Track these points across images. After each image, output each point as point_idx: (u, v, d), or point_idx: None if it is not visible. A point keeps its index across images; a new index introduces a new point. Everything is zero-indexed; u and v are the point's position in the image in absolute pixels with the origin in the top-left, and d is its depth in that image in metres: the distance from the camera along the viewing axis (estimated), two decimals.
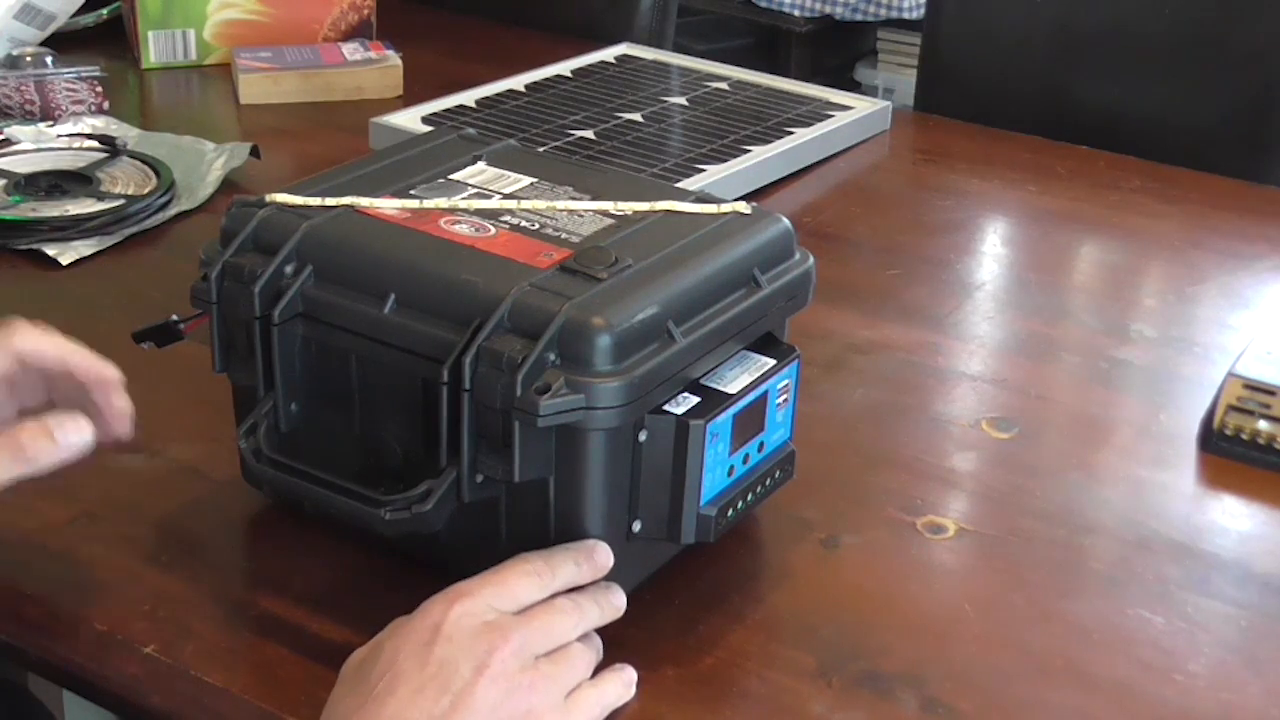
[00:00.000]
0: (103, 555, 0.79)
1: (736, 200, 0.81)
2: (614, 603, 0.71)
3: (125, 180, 1.21)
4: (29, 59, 1.43)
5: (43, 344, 0.73)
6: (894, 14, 2.94)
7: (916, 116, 1.57)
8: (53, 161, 1.23)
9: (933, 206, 1.29)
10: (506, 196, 0.80)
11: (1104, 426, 0.96)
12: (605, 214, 0.78)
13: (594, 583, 0.71)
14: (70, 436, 0.70)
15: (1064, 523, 0.85)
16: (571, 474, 0.70)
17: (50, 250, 1.11)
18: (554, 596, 0.69)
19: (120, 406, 0.74)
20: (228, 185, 1.23)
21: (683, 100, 1.40)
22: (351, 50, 1.52)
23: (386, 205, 0.78)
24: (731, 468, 0.75)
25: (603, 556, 0.71)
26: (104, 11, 1.61)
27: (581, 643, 0.69)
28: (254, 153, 1.26)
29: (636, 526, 0.73)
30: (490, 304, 0.69)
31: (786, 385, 0.77)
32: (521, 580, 0.68)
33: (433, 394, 0.69)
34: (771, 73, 1.49)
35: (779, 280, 0.77)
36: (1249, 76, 1.49)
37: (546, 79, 1.45)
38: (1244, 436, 0.90)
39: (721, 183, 1.21)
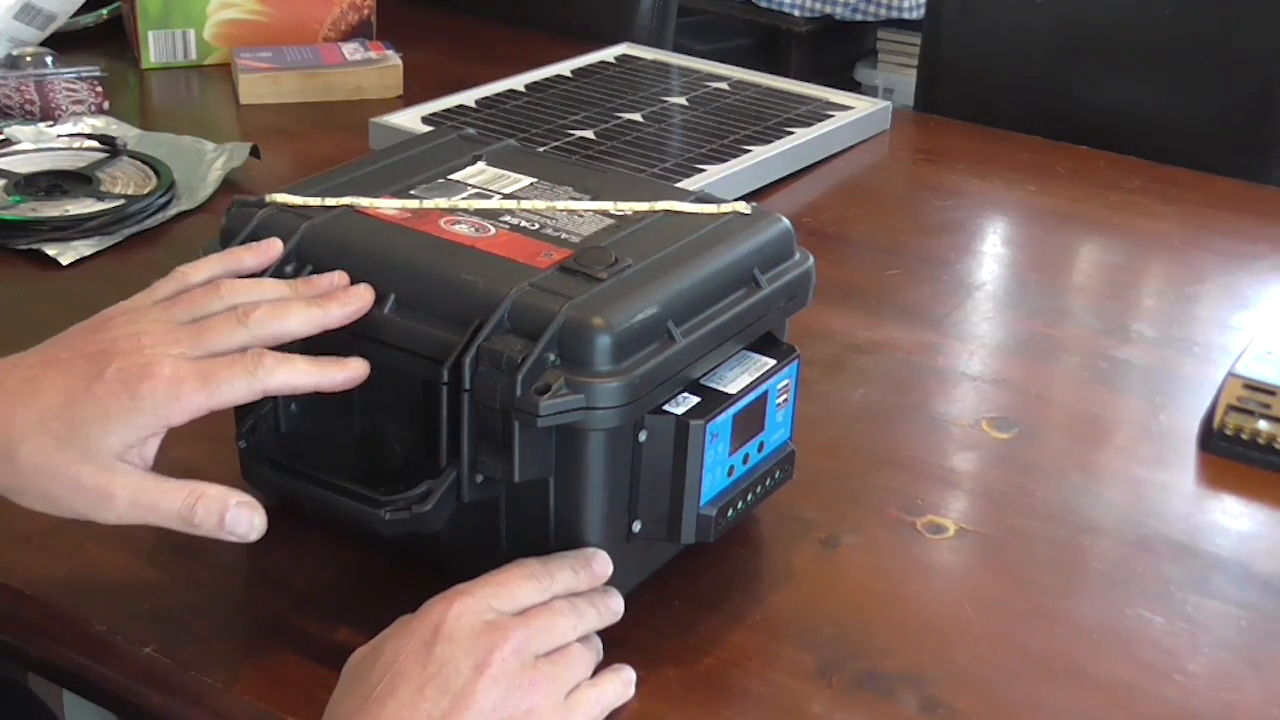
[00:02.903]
0: (103, 555, 0.79)
1: (736, 200, 0.81)
2: (612, 607, 0.71)
3: (125, 180, 1.21)
4: (29, 59, 1.43)
5: (295, 382, 0.69)
6: (894, 14, 2.94)
7: (916, 116, 1.57)
8: (53, 161, 1.23)
9: (933, 206, 1.29)
10: (506, 196, 0.80)
11: (1104, 426, 0.96)
12: (605, 214, 0.78)
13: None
14: (239, 527, 0.67)
15: (1064, 523, 0.85)
16: (571, 474, 0.70)
17: (50, 250, 1.11)
18: (553, 599, 0.69)
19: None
20: (228, 185, 1.23)
21: (683, 100, 1.40)
22: (351, 50, 1.52)
23: (386, 205, 0.78)
24: (731, 468, 0.75)
25: (601, 565, 0.71)
26: (104, 11, 1.61)
27: (581, 643, 0.69)
28: (254, 153, 1.26)
29: (636, 527, 0.73)
30: (490, 304, 0.69)
31: (786, 385, 0.77)
32: (521, 583, 0.68)
33: (433, 394, 0.69)
34: (771, 73, 1.49)
35: (779, 280, 0.77)
36: (1249, 76, 1.49)
37: (546, 79, 1.45)
38: (1244, 436, 0.90)
39: (721, 183, 1.21)
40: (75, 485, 0.66)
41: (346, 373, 0.70)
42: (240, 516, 0.67)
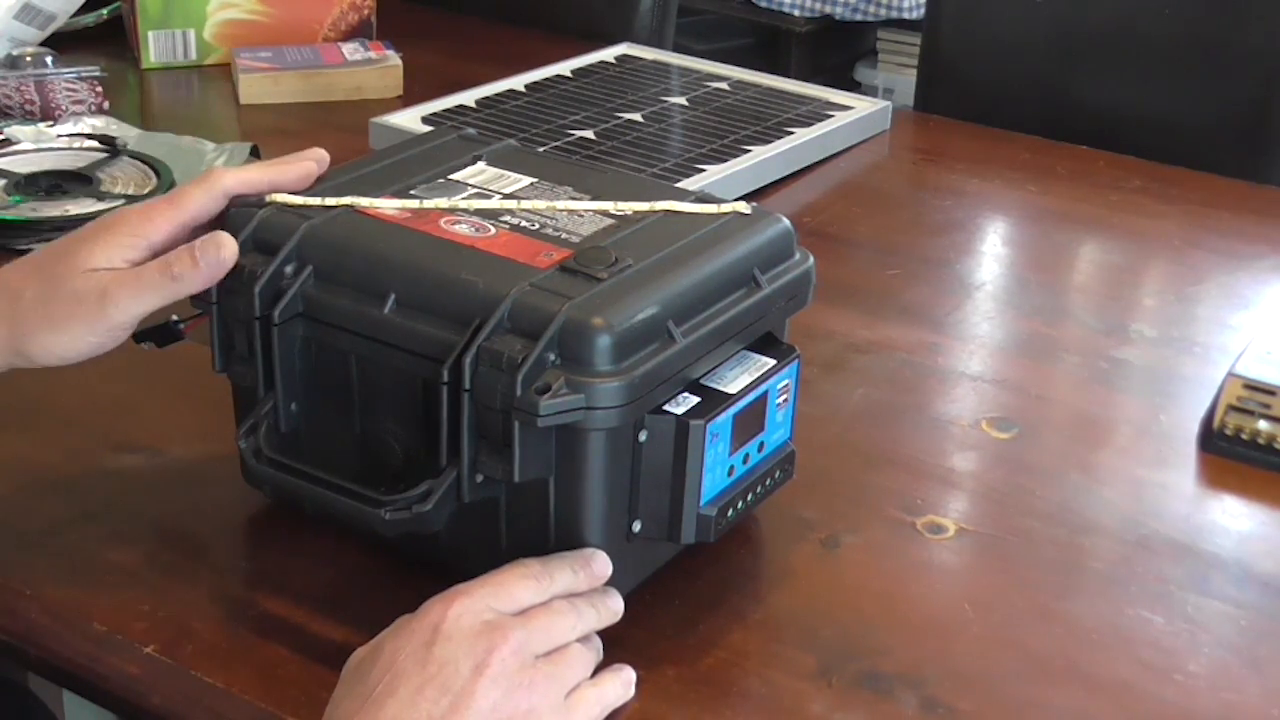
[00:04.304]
0: (103, 555, 0.79)
1: (736, 200, 0.81)
2: (611, 607, 0.71)
3: (125, 180, 1.21)
4: (29, 59, 1.43)
5: (252, 178, 0.78)
6: (894, 14, 2.94)
7: (916, 116, 1.57)
8: (53, 161, 1.23)
9: (933, 206, 1.29)
10: (506, 196, 0.80)
11: (1104, 426, 0.96)
12: (605, 214, 0.78)
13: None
14: (209, 255, 0.73)
15: (1064, 523, 0.85)
16: (571, 474, 0.70)
17: None
18: (552, 600, 0.69)
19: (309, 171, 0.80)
20: None
21: (683, 100, 1.40)
22: (351, 50, 1.52)
23: (386, 205, 0.78)
24: (731, 468, 0.75)
25: (600, 565, 0.71)
26: (104, 11, 1.61)
27: (581, 643, 0.69)
28: (254, 153, 1.26)
29: (636, 527, 0.73)
30: (490, 304, 0.69)
31: (786, 385, 0.77)
32: (520, 583, 0.68)
33: (433, 394, 0.69)
34: (771, 73, 1.50)
35: (779, 280, 0.77)
36: (1249, 76, 1.49)
37: (546, 79, 1.45)
38: (1244, 436, 0.90)
39: (721, 183, 1.21)
40: (75, 298, 0.73)
41: (301, 166, 0.79)
42: (206, 248, 0.73)
